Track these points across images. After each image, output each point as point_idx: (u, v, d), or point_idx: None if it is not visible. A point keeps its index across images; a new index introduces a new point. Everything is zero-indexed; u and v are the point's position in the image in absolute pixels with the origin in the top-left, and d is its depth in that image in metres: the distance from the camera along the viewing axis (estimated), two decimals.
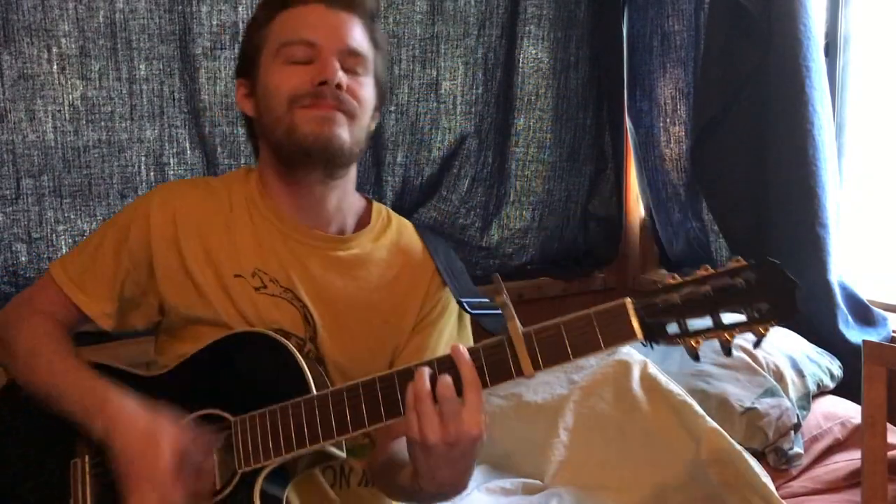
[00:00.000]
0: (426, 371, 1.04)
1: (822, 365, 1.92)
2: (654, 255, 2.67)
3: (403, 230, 1.39)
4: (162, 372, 1.25)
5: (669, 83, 2.44)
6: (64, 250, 1.96)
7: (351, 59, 1.23)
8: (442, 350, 1.30)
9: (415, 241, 1.37)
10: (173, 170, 2.06)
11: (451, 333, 1.35)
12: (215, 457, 1.13)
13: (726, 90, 2.14)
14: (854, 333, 2.00)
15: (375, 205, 1.39)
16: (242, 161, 2.12)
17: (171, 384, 1.22)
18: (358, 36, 1.25)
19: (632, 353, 1.90)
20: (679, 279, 1.01)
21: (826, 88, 2.01)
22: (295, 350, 1.15)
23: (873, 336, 1.98)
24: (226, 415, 1.15)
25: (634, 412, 1.78)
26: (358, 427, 1.08)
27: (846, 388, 1.92)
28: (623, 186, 2.65)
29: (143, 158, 2.02)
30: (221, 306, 1.25)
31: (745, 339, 1.89)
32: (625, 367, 1.85)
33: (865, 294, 2.07)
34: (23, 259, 1.92)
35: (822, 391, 1.90)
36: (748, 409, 1.74)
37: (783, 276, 0.96)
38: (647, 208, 2.60)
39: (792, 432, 1.74)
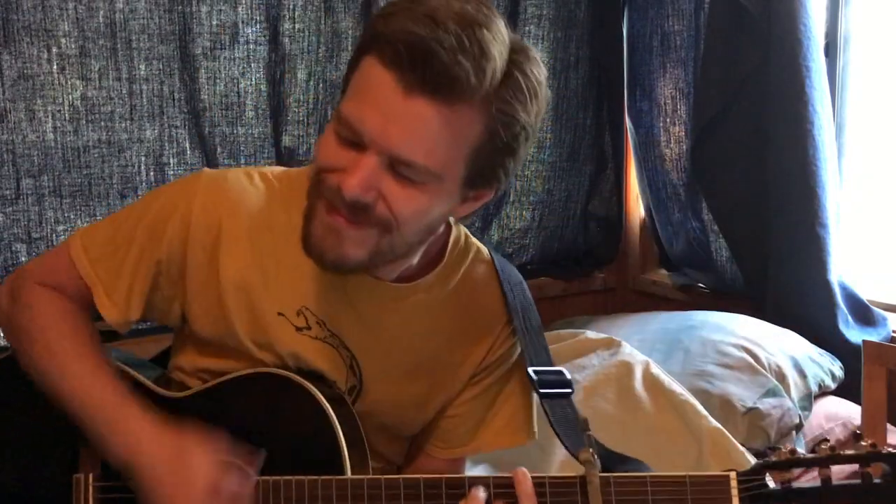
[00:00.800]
0: (481, 495, 0.94)
1: (823, 366, 1.92)
2: (654, 255, 2.67)
3: (478, 265, 1.17)
4: (183, 395, 1.14)
5: (669, 83, 2.44)
6: None
7: (402, 167, 0.93)
8: (497, 410, 1.19)
9: (491, 283, 1.17)
10: (173, 170, 2.05)
11: (513, 390, 1.19)
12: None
13: (726, 90, 2.14)
14: (854, 333, 2.00)
15: (454, 233, 1.16)
16: (242, 161, 2.12)
17: (189, 410, 1.10)
18: (427, 140, 0.92)
19: (634, 353, 1.90)
20: (797, 454, 0.89)
21: (826, 88, 2.01)
22: (335, 420, 1.03)
23: (873, 336, 1.98)
24: (249, 469, 1.04)
25: (637, 412, 1.78)
26: None
27: (847, 388, 1.92)
28: (623, 186, 2.65)
29: (143, 158, 2.02)
30: (254, 344, 1.11)
31: (747, 340, 1.90)
32: (627, 367, 1.85)
33: (865, 294, 2.07)
34: (23, 259, 1.91)
35: (823, 392, 1.91)
36: (750, 410, 1.74)
37: None
38: (647, 208, 2.60)
39: (794, 432, 1.74)
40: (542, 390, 1.11)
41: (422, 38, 0.88)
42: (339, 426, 1.03)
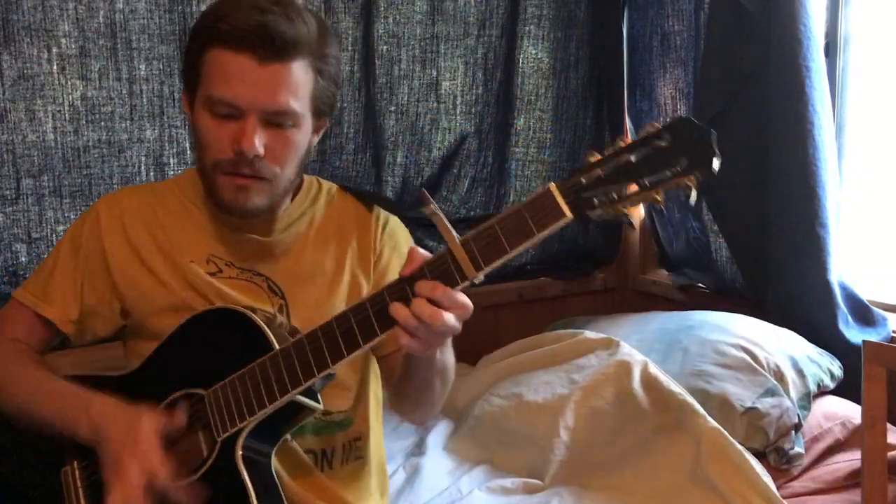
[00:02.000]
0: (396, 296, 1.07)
1: (822, 365, 1.92)
2: (654, 255, 2.67)
3: (334, 191, 1.42)
4: (133, 369, 1.29)
5: (669, 83, 2.44)
6: None
7: (277, 117, 1.20)
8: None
9: (352, 200, 1.41)
10: (173, 170, 2.06)
11: (401, 254, 1.37)
12: (200, 434, 1.16)
13: (726, 90, 2.14)
14: (854, 333, 2.00)
15: (308, 178, 1.41)
16: None
17: (144, 379, 1.26)
18: (290, 90, 1.20)
19: (633, 353, 1.90)
20: (598, 156, 1.02)
21: (826, 88, 2.01)
22: (251, 314, 1.19)
23: (873, 336, 1.98)
24: (200, 391, 1.18)
25: (635, 412, 1.78)
26: (322, 367, 1.10)
27: (846, 388, 1.92)
28: None
29: (143, 158, 2.03)
30: (183, 290, 1.29)
31: (746, 340, 1.90)
32: (626, 367, 1.85)
33: (865, 294, 2.07)
34: (23, 259, 1.92)
35: (822, 391, 1.90)
36: (749, 409, 1.74)
37: (695, 127, 0.97)
38: (647, 208, 2.60)
39: (793, 432, 1.74)
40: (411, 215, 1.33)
41: (259, 22, 1.16)
42: (265, 327, 1.17)
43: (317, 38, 1.22)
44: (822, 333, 2.00)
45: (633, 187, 0.99)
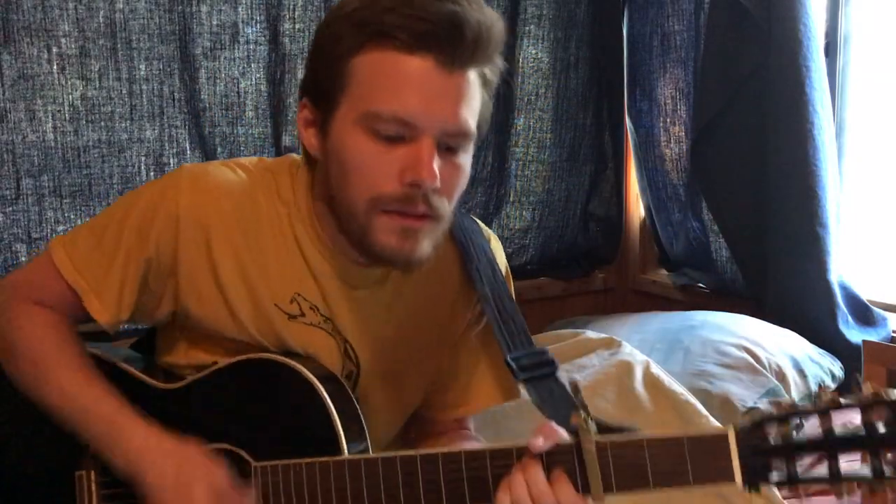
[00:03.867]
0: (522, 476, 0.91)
1: (823, 365, 1.92)
2: (654, 255, 2.67)
3: (447, 244, 1.13)
4: (174, 387, 1.14)
5: (669, 83, 2.45)
6: None
7: (454, 139, 0.96)
8: (484, 370, 1.20)
9: (455, 257, 1.16)
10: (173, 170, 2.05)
11: (495, 352, 1.18)
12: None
13: (726, 90, 2.14)
14: (854, 333, 2.00)
15: None
16: None
17: (186, 404, 1.11)
18: (469, 105, 0.95)
19: (634, 353, 1.90)
20: (794, 406, 0.84)
21: (826, 88, 2.01)
22: (329, 402, 1.01)
23: (873, 336, 1.98)
24: (245, 455, 1.05)
25: (637, 412, 1.78)
26: None
27: (846, 388, 1.92)
28: (623, 186, 2.65)
29: (143, 158, 2.02)
30: (257, 331, 1.10)
31: (747, 340, 1.90)
32: (627, 366, 1.85)
33: (865, 294, 2.07)
34: (23, 259, 1.91)
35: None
36: (750, 409, 1.74)
37: None
38: (647, 208, 2.60)
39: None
40: (521, 374, 1.10)
41: (449, 12, 0.89)
42: (330, 402, 1.01)
43: (502, 38, 0.97)
44: (822, 333, 2.00)
45: (821, 465, 0.81)
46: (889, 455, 0.79)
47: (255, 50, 2.09)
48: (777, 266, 2.08)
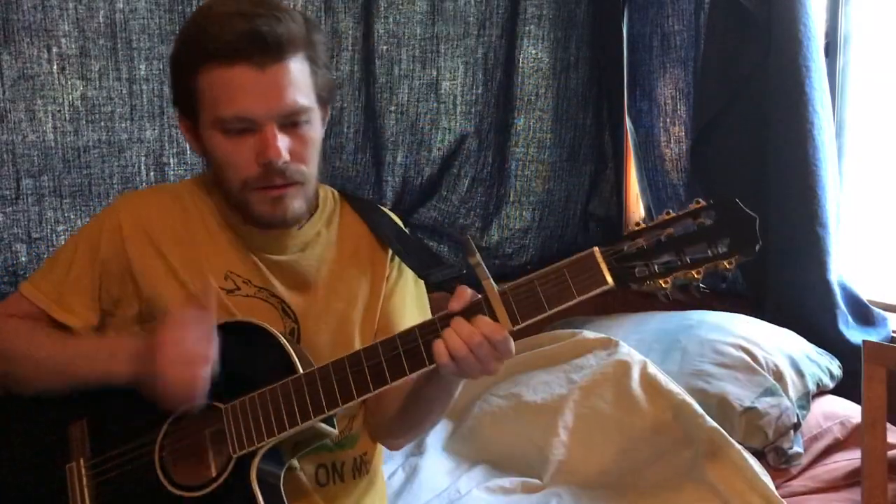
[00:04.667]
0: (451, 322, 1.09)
1: (821, 365, 1.92)
2: None
3: (346, 211, 1.38)
4: None
5: (669, 83, 2.44)
6: None
7: (291, 117, 1.18)
8: (409, 311, 1.36)
9: (362, 225, 1.37)
10: (173, 170, 2.06)
11: (417, 293, 1.39)
12: (211, 446, 1.16)
13: (726, 90, 2.14)
14: (854, 333, 2.00)
15: (322, 187, 1.37)
16: None
17: None
18: (296, 87, 1.17)
19: (631, 353, 1.90)
20: (643, 225, 1.05)
21: (826, 88, 2.01)
22: (278, 333, 1.18)
23: (873, 336, 1.97)
24: (217, 403, 1.16)
25: (634, 412, 1.78)
26: (347, 399, 1.11)
27: (846, 388, 1.92)
28: (623, 186, 2.65)
29: (143, 158, 2.03)
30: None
31: (745, 340, 1.90)
32: (625, 366, 1.85)
33: (865, 294, 2.07)
34: (23, 259, 1.92)
35: (821, 391, 1.90)
36: (748, 409, 1.74)
37: (741, 212, 1.00)
38: (647, 208, 2.60)
39: (791, 432, 1.74)
40: (440, 281, 1.30)
41: (247, 28, 1.13)
42: (290, 347, 1.17)
43: (304, 30, 1.19)
44: (821, 333, 2.00)
45: (672, 260, 1.02)
46: (722, 240, 1.01)
47: None
48: (777, 266, 2.08)
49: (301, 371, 1.14)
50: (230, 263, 1.28)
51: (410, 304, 1.38)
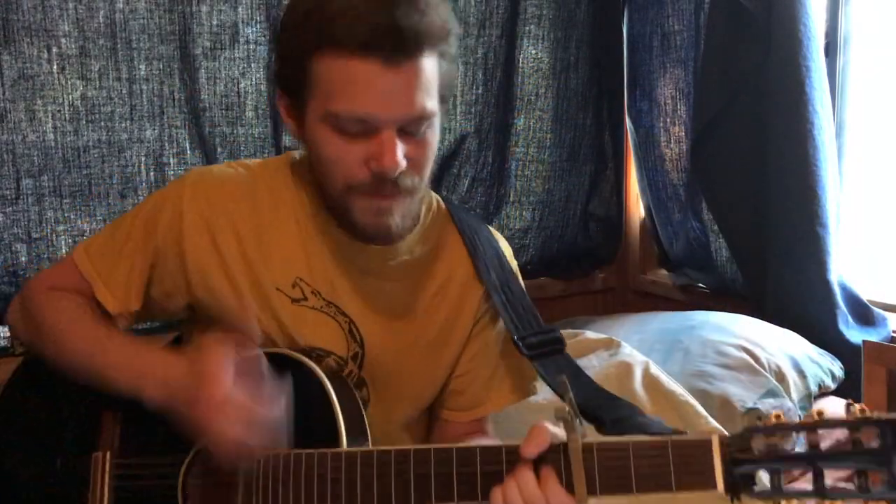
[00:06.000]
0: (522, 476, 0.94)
1: (823, 365, 1.92)
2: (654, 255, 2.67)
3: (447, 228, 1.23)
4: None
5: (669, 83, 2.44)
6: (64, 250, 1.95)
7: (414, 124, 1.04)
8: (503, 369, 1.24)
9: (462, 250, 1.23)
10: (173, 170, 2.05)
11: (509, 351, 1.24)
12: (239, 489, 1.05)
13: (726, 90, 2.14)
14: (854, 333, 2.00)
15: (429, 196, 1.23)
16: None
17: None
18: (425, 90, 1.03)
19: (634, 354, 1.90)
20: (784, 419, 0.84)
21: (826, 88, 2.01)
22: (329, 388, 1.05)
23: (873, 336, 1.97)
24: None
25: None
26: (384, 501, 0.99)
27: (847, 388, 1.92)
28: (623, 186, 2.65)
29: (143, 158, 2.02)
30: (264, 317, 1.16)
31: (747, 340, 1.90)
32: (627, 367, 1.85)
33: (865, 294, 2.07)
34: (23, 259, 1.91)
35: (823, 392, 1.90)
36: (750, 410, 1.74)
37: None
38: (647, 208, 2.60)
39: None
40: (528, 352, 1.17)
41: (387, 19, 0.97)
42: (335, 399, 1.05)
43: (444, 21, 1.04)
44: (822, 333, 2.00)
45: (803, 480, 0.82)
46: (875, 474, 0.79)
47: (255, 50, 2.10)
48: (777, 266, 2.08)
49: (345, 442, 1.03)
50: (302, 269, 1.16)
51: (490, 358, 1.24)
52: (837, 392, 1.93)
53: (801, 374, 1.85)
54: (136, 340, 1.16)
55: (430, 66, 1.03)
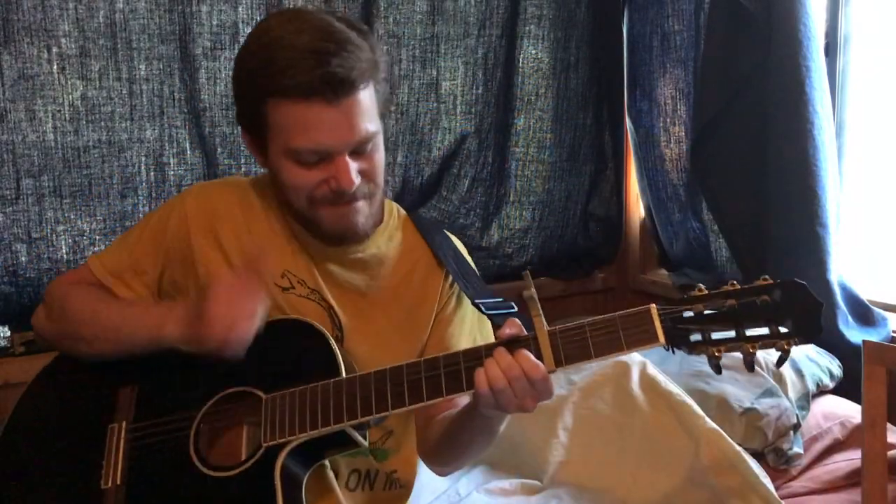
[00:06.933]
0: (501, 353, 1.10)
1: (821, 365, 1.91)
2: (654, 255, 2.66)
3: (409, 232, 1.42)
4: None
5: (669, 83, 2.44)
6: (64, 250, 1.96)
7: (362, 145, 1.22)
8: (465, 340, 1.37)
9: (424, 247, 1.41)
10: (173, 170, 2.06)
11: (472, 323, 1.40)
12: (245, 432, 1.20)
13: (726, 90, 2.14)
14: (854, 333, 2.00)
15: (387, 202, 1.42)
16: (242, 161, 2.12)
17: (209, 361, 1.25)
18: (366, 116, 1.21)
19: (632, 355, 1.89)
20: (705, 291, 1.03)
21: (826, 88, 2.01)
22: (328, 334, 1.21)
23: (873, 336, 1.97)
24: (259, 393, 1.21)
25: (634, 413, 1.78)
26: (381, 409, 1.13)
27: (846, 388, 1.92)
28: (623, 186, 2.65)
29: (143, 158, 2.03)
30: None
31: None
32: (624, 367, 1.85)
33: (865, 294, 2.07)
34: (23, 259, 1.92)
35: (821, 391, 1.90)
36: (747, 410, 1.74)
37: (808, 296, 1.00)
38: (647, 208, 2.60)
39: (791, 432, 1.74)
40: (489, 312, 1.33)
41: (322, 71, 1.14)
42: (338, 350, 1.20)
43: (371, 55, 1.22)
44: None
45: (729, 332, 1.02)
46: (783, 321, 1.00)
47: None
48: (777, 266, 2.08)
49: (344, 375, 1.18)
50: (288, 263, 1.33)
51: (468, 334, 1.39)
52: (836, 391, 1.93)
53: (799, 373, 1.85)
54: (152, 301, 1.33)
55: (366, 96, 1.21)
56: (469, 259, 1.46)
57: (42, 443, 1.29)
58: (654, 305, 1.04)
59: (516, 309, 1.33)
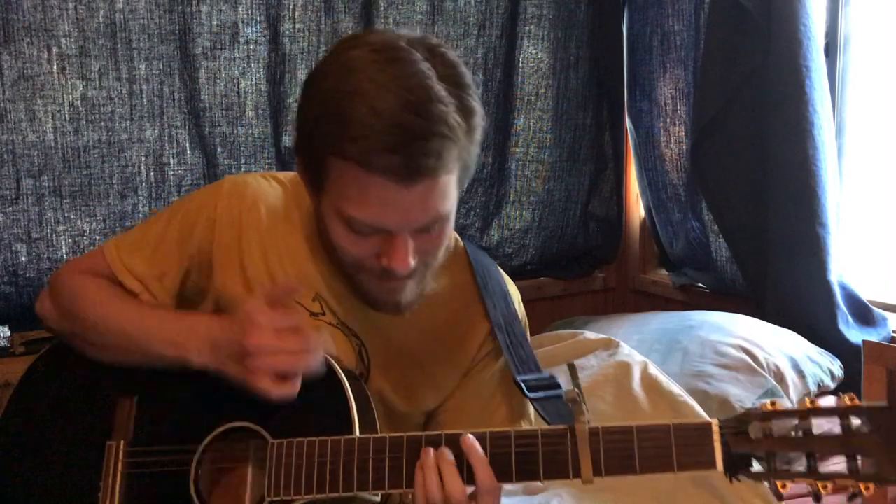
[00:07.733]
0: (443, 453, 1.00)
1: (822, 365, 1.92)
2: (654, 255, 2.67)
3: (462, 275, 1.25)
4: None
5: (669, 83, 2.45)
6: (64, 250, 1.96)
7: (430, 225, 1.04)
8: (495, 408, 1.24)
9: (472, 295, 1.24)
10: (173, 170, 2.06)
11: (507, 391, 1.24)
12: (250, 474, 1.10)
13: (726, 90, 2.14)
14: (854, 333, 2.00)
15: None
16: (242, 161, 2.12)
17: (215, 382, 1.14)
18: (439, 201, 1.01)
19: (632, 354, 1.90)
20: (778, 406, 0.91)
21: (826, 88, 2.01)
22: (346, 382, 1.08)
23: (873, 336, 1.97)
24: (265, 433, 1.10)
25: (635, 413, 1.78)
26: (395, 485, 1.03)
27: (847, 388, 1.92)
28: (623, 186, 2.65)
29: (143, 158, 2.03)
30: None
31: (745, 340, 1.89)
32: (626, 367, 1.85)
33: (865, 294, 2.07)
34: (23, 259, 1.92)
35: (822, 391, 1.90)
36: (748, 410, 1.74)
37: None
38: (647, 208, 2.60)
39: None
40: (531, 394, 1.17)
41: (402, 152, 0.94)
42: (354, 403, 1.07)
43: (465, 133, 1.00)
44: (822, 333, 2.00)
45: (799, 462, 0.88)
46: (864, 457, 0.85)
47: (255, 50, 2.10)
48: (777, 266, 2.08)
49: (357, 431, 1.05)
50: (322, 288, 1.19)
51: (485, 395, 1.24)
52: (837, 391, 1.93)
53: (800, 373, 1.85)
54: (170, 309, 1.20)
55: (448, 179, 1.01)
56: (519, 309, 1.28)
57: (35, 450, 1.22)
58: (716, 422, 0.91)
59: (562, 390, 1.17)
